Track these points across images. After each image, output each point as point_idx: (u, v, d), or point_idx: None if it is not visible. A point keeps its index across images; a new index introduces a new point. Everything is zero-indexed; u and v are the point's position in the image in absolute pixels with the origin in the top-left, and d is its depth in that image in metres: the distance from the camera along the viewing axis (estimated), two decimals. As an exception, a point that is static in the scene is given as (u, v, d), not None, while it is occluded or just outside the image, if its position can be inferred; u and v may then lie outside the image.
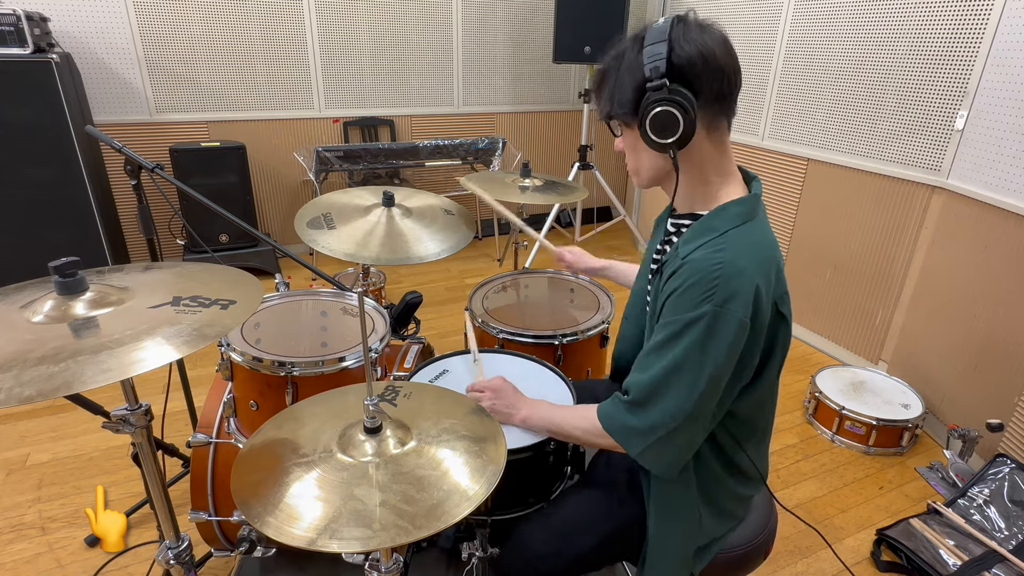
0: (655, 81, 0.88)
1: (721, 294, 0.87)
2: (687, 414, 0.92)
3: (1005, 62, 2.11)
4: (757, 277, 0.89)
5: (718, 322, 0.87)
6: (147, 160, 1.55)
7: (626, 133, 0.99)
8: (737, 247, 0.90)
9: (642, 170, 1.01)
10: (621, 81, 0.93)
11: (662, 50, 0.88)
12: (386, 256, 1.54)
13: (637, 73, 0.90)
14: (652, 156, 0.98)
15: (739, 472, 1.10)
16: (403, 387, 1.10)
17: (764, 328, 0.92)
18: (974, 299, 2.25)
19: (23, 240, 2.90)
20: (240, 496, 0.82)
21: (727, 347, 0.89)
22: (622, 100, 0.93)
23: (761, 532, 1.19)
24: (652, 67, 0.88)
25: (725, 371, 0.91)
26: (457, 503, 0.80)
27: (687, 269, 0.91)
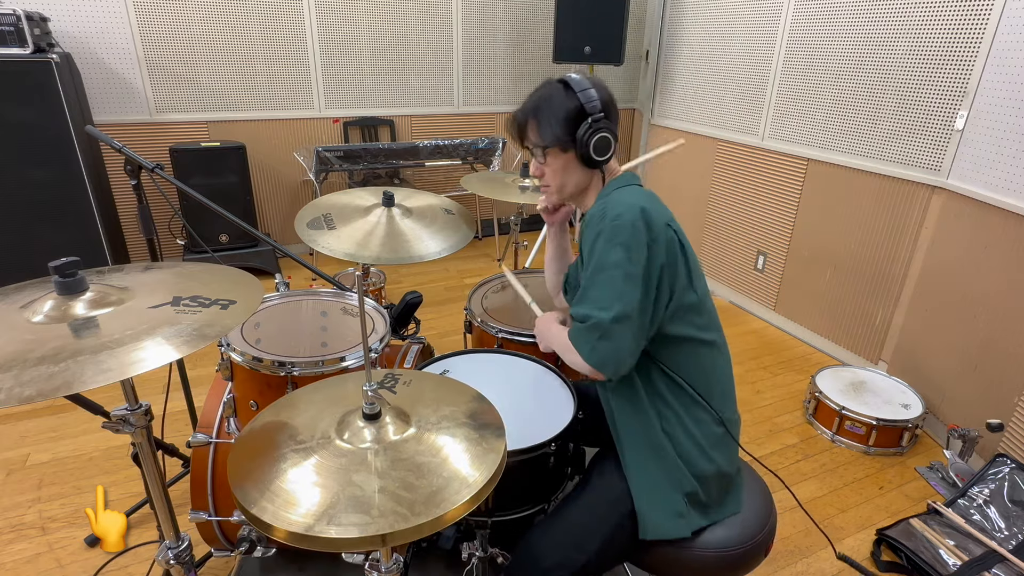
0: (596, 115, 1.15)
1: (611, 212, 1.09)
2: (616, 311, 1.05)
3: (1005, 62, 2.11)
4: (638, 201, 1.10)
5: (613, 229, 1.07)
6: (147, 160, 1.55)
7: (557, 158, 1.20)
8: (617, 195, 1.16)
9: (568, 186, 1.24)
10: (555, 117, 1.16)
11: (594, 94, 1.16)
12: (386, 256, 1.54)
13: (573, 110, 1.15)
14: (580, 174, 1.22)
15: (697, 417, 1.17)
16: (403, 375, 1.10)
17: (661, 238, 1.09)
18: (974, 299, 2.25)
19: (23, 240, 2.90)
20: (237, 481, 0.82)
21: (625, 243, 1.06)
22: (560, 132, 1.16)
23: (761, 531, 1.19)
24: (591, 105, 1.14)
25: (635, 265, 1.06)
26: (457, 490, 0.80)
27: (585, 221, 1.16)
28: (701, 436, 1.16)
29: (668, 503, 1.13)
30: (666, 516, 1.13)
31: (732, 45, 3.33)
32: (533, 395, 1.38)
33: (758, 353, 3.04)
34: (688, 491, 1.14)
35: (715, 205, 3.64)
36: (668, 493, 1.14)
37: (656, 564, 1.18)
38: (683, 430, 1.16)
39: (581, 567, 1.12)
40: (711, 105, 3.58)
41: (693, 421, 1.16)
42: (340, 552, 1.19)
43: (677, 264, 1.12)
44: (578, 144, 1.16)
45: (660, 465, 1.15)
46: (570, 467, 1.33)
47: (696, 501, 1.15)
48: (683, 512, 1.13)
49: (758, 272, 3.40)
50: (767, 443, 2.36)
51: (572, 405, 1.31)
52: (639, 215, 1.07)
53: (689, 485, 1.14)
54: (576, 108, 1.15)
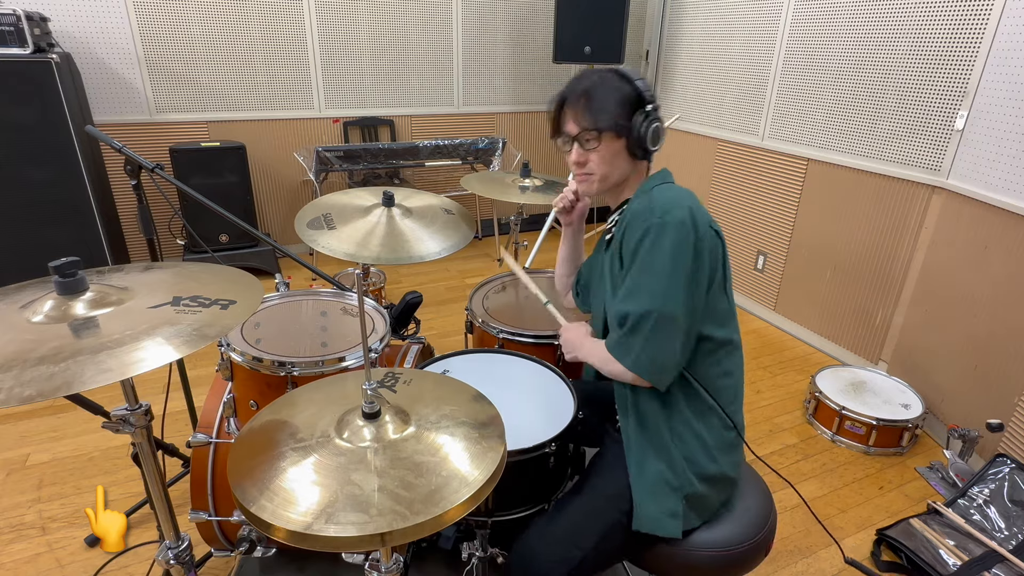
0: (653, 104, 1.12)
1: (658, 210, 1.06)
2: (660, 314, 1.05)
3: (1005, 62, 2.11)
4: (685, 199, 1.08)
5: (662, 228, 1.05)
6: (147, 160, 1.55)
7: (610, 144, 1.15)
8: (662, 190, 1.13)
9: (612, 175, 1.19)
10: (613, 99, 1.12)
11: (647, 85, 1.14)
12: (386, 256, 1.54)
13: (631, 95, 1.12)
14: (626, 164, 1.18)
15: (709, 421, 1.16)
16: (403, 374, 1.10)
17: (706, 238, 1.07)
18: (974, 299, 2.25)
19: (23, 240, 2.90)
20: (236, 480, 0.82)
21: (676, 244, 1.04)
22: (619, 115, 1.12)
23: (761, 531, 1.19)
24: (649, 93, 1.12)
25: (682, 268, 1.04)
26: (456, 489, 0.80)
27: (629, 216, 1.13)
28: (710, 439, 1.16)
29: (665, 500, 1.13)
30: (660, 512, 1.13)
31: (732, 45, 3.33)
32: (533, 395, 1.38)
33: (758, 353, 3.04)
34: (688, 493, 1.14)
35: (715, 205, 3.64)
36: (667, 491, 1.14)
37: (655, 563, 1.18)
38: (692, 432, 1.15)
39: (579, 563, 1.12)
40: (711, 105, 3.58)
41: (704, 424, 1.16)
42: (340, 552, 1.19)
43: (717, 268, 1.10)
44: (633, 131, 1.12)
45: (664, 463, 1.15)
46: (570, 467, 1.33)
47: (694, 503, 1.15)
48: (677, 513, 1.13)
49: (758, 272, 3.40)
50: (767, 443, 2.36)
51: (572, 405, 1.31)
52: (688, 214, 1.05)
53: (690, 487, 1.14)
54: (633, 94, 1.12)
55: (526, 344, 1.61)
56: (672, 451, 1.15)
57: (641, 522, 1.13)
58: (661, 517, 1.13)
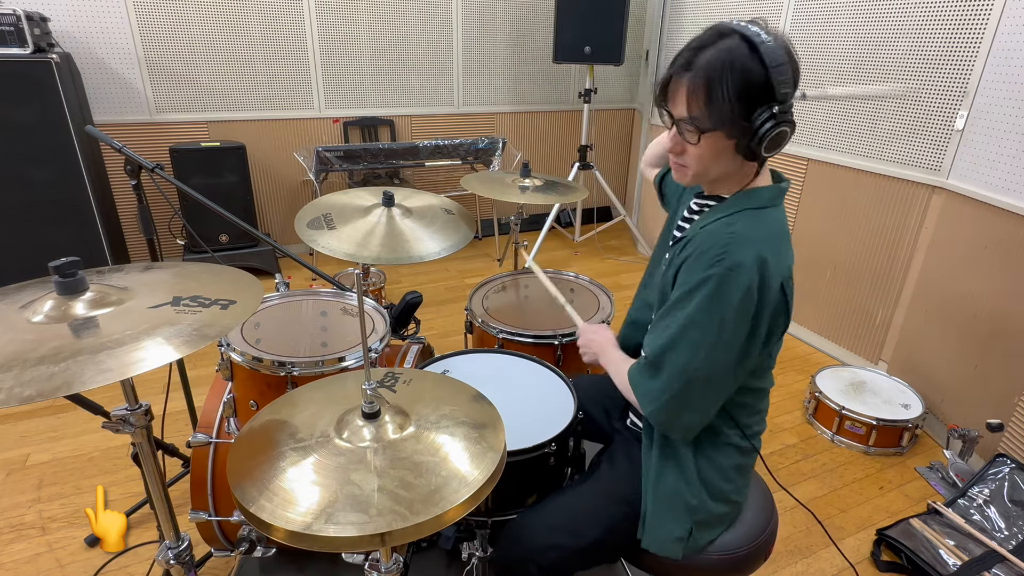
0: (786, 104, 0.91)
1: (730, 259, 0.92)
2: (698, 372, 0.97)
3: (1005, 62, 2.11)
4: (764, 251, 0.93)
5: (725, 284, 0.92)
6: (147, 160, 1.55)
7: (716, 143, 0.95)
8: (749, 224, 0.97)
9: (710, 173, 1.01)
10: (734, 92, 0.90)
11: (789, 74, 0.91)
12: (386, 256, 1.54)
13: (757, 84, 0.90)
14: (732, 164, 0.98)
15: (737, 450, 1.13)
16: (402, 374, 1.10)
17: (770, 304, 0.95)
18: (974, 299, 2.25)
19: (23, 240, 2.90)
20: (236, 480, 0.82)
21: (735, 308, 0.93)
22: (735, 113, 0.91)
23: (762, 533, 1.19)
24: (783, 92, 0.90)
25: (734, 334, 0.95)
26: (456, 489, 0.80)
27: (701, 237, 0.99)
28: (728, 463, 1.13)
29: (677, 524, 1.10)
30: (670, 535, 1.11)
31: (732, 45, 3.33)
32: (533, 395, 1.38)
33: (758, 353, 3.04)
34: (699, 518, 1.11)
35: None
36: (680, 513, 1.11)
37: (655, 566, 1.18)
38: (717, 462, 1.12)
39: (571, 553, 1.11)
40: (711, 105, 3.57)
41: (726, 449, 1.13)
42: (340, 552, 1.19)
43: (775, 330, 1.00)
44: (750, 132, 0.91)
45: (683, 480, 1.11)
46: (570, 467, 1.33)
47: (702, 528, 1.12)
48: (684, 537, 1.10)
49: (758, 272, 3.40)
50: (767, 443, 2.36)
51: (572, 405, 1.31)
52: (757, 274, 0.92)
53: (703, 511, 1.11)
54: (761, 83, 0.89)
55: (526, 344, 1.61)
56: (691, 470, 1.11)
57: (650, 542, 1.11)
58: (669, 540, 1.10)
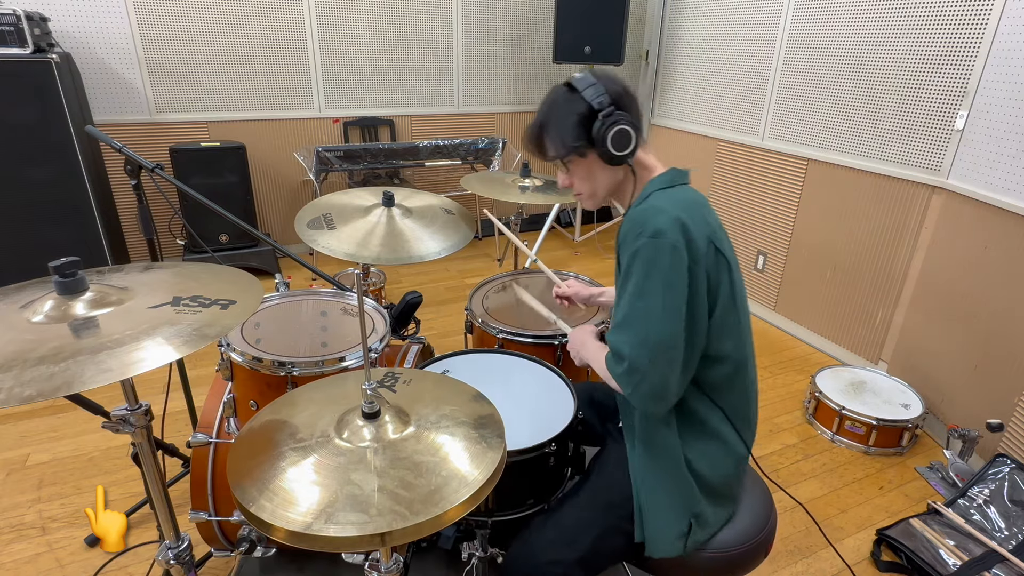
0: (606, 109, 1.07)
1: (649, 229, 1.01)
2: (655, 338, 1.01)
3: (1005, 62, 2.11)
4: (679, 212, 1.03)
5: (653, 249, 1.00)
6: (147, 160, 1.55)
7: (579, 164, 1.14)
8: (658, 199, 1.09)
9: (599, 189, 1.17)
10: (564, 124, 1.10)
11: (599, 88, 1.09)
12: (386, 256, 1.54)
13: (583, 112, 1.08)
14: (607, 173, 1.15)
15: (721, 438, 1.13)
16: (402, 374, 1.10)
17: (702, 258, 1.02)
18: (974, 299, 2.25)
19: (23, 240, 2.90)
20: (236, 480, 0.82)
21: (668, 268, 1.00)
22: (572, 138, 1.10)
23: (761, 532, 1.19)
24: (598, 101, 1.08)
25: (677, 293, 1.00)
26: (456, 489, 0.80)
27: (623, 225, 1.10)
28: (720, 456, 1.14)
29: (675, 522, 1.11)
30: (669, 535, 1.11)
31: (732, 45, 3.33)
32: (533, 395, 1.38)
33: (758, 353, 3.03)
34: (696, 512, 1.12)
35: (715, 205, 3.64)
36: (676, 511, 1.11)
37: (656, 565, 1.18)
38: (704, 451, 1.13)
39: (573, 563, 1.11)
40: (711, 105, 3.58)
41: (714, 439, 1.13)
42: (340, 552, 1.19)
43: (721, 286, 1.05)
44: (596, 144, 1.09)
45: (670, 475, 1.12)
46: (570, 467, 1.33)
47: (701, 521, 1.13)
48: (685, 533, 1.11)
49: (758, 272, 3.41)
50: (767, 443, 2.36)
51: (572, 405, 1.31)
52: (680, 234, 1.00)
53: (697, 505, 1.12)
54: (585, 108, 1.08)
55: (526, 344, 1.61)
56: (679, 464, 1.12)
57: (654, 548, 1.11)
58: (670, 538, 1.11)
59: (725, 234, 1.12)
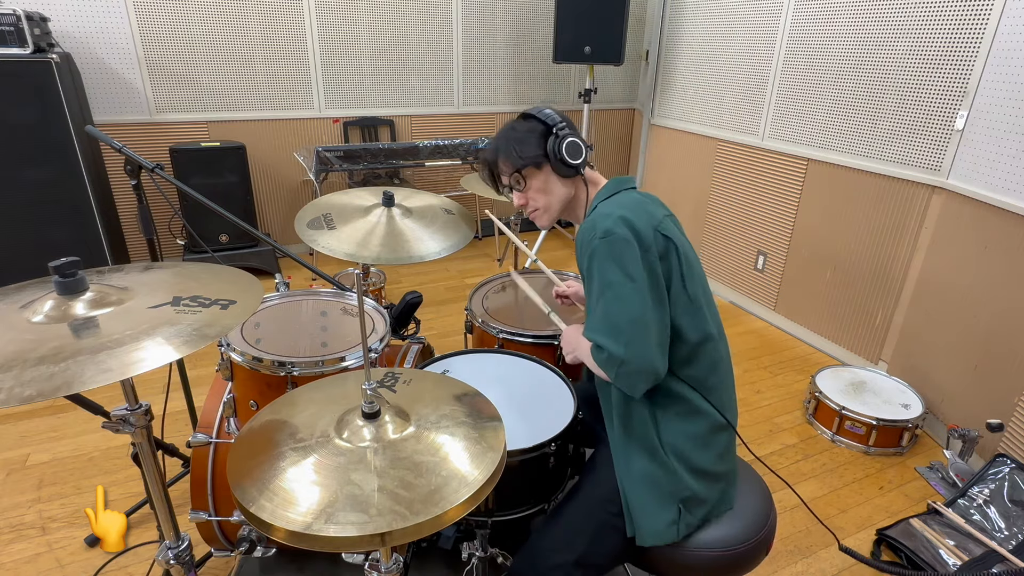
0: (559, 125, 1.21)
1: (599, 230, 1.09)
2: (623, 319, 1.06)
3: (1005, 62, 2.11)
4: (622, 211, 1.11)
5: (606, 246, 1.08)
6: (147, 160, 1.55)
7: (535, 177, 1.24)
8: (604, 205, 1.17)
9: (553, 203, 1.26)
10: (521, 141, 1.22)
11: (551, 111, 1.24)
12: (386, 255, 1.54)
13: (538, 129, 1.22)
14: (561, 186, 1.25)
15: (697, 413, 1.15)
16: (402, 374, 1.10)
17: (652, 245, 1.10)
18: (974, 299, 2.25)
19: (23, 240, 2.90)
20: (236, 480, 0.82)
21: (622, 256, 1.07)
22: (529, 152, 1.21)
23: (761, 530, 1.19)
24: (551, 119, 1.22)
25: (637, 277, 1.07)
26: (456, 489, 0.80)
27: (577, 237, 1.17)
28: (700, 432, 1.15)
29: (662, 510, 1.12)
30: (660, 524, 1.12)
31: (732, 45, 3.33)
32: (533, 395, 1.38)
33: (758, 353, 3.04)
34: (684, 496, 1.13)
35: (715, 205, 3.64)
36: (663, 499, 1.12)
37: (656, 564, 1.18)
38: (680, 427, 1.15)
39: (574, 564, 1.12)
40: (711, 105, 3.58)
41: (692, 419, 1.15)
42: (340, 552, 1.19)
43: (672, 269, 1.12)
44: (550, 155, 1.20)
45: (652, 460, 1.14)
46: (570, 467, 1.33)
47: (691, 505, 1.14)
48: (676, 519, 1.12)
49: (758, 272, 3.41)
50: (767, 443, 2.36)
51: (572, 405, 1.31)
52: (626, 228, 1.08)
53: (685, 489, 1.13)
54: (540, 127, 1.22)
55: (526, 344, 1.61)
56: (660, 448, 1.14)
57: (644, 537, 1.12)
58: (661, 528, 1.12)
59: (674, 221, 1.20)
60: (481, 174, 1.32)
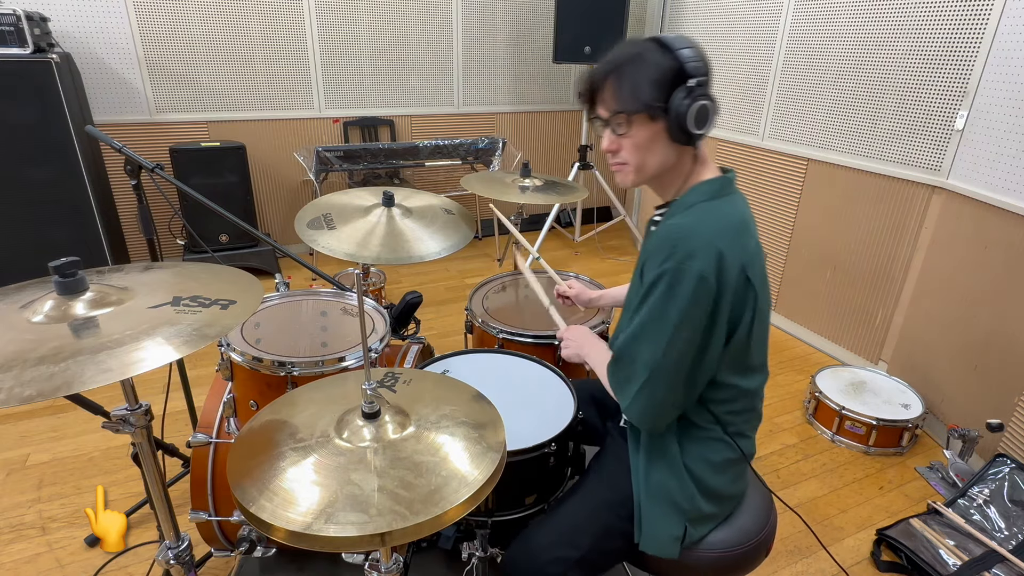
0: (700, 77, 0.96)
1: (681, 251, 0.95)
2: (661, 365, 0.99)
3: (1005, 62, 2.11)
4: (717, 239, 0.95)
5: (679, 276, 0.94)
6: (147, 160, 1.55)
7: (643, 128, 1.00)
8: (700, 215, 1.00)
9: (649, 165, 1.04)
10: (646, 76, 0.96)
11: (698, 54, 0.97)
12: (386, 256, 1.54)
13: (669, 70, 0.95)
14: (667, 152, 1.02)
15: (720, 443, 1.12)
16: (402, 374, 1.10)
17: (731, 290, 0.97)
18: (974, 299, 2.25)
19: (23, 240, 2.90)
20: (236, 480, 0.82)
21: (689, 300, 0.94)
22: (647, 96, 0.96)
23: (761, 531, 1.19)
24: (693, 64, 0.95)
25: (693, 327, 0.96)
26: (456, 489, 0.80)
27: (655, 236, 1.03)
28: (719, 462, 1.13)
29: (671, 525, 1.11)
30: (666, 536, 1.11)
31: (732, 45, 3.33)
32: (533, 395, 1.38)
33: (758, 353, 3.04)
34: (693, 516, 1.11)
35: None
36: (673, 514, 1.11)
37: (655, 565, 1.18)
38: (702, 456, 1.12)
39: (574, 564, 1.11)
40: (711, 105, 3.57)
41: (715, 449, 1.13)
42: (340, 552, 1.19)
43: (743, 317, 1.00)
44: (671, 111, 0.96)
45: (672, 477, 1.11)
46: (570, 467, 1.33)
47: (697, 523, 1.13)
48: (680, 536, 1.11)
49: (758, 272, 3.40)
50: (767, 443, 2.36)
51: (572, 405, 1.31)
52: (713, 264, 0.93)
53: (696, 509, 1.11)
54: (673, 68, 0.95)
55: (526, 344, 1.61)
56: (681, 468, 1.11)
57: (647, 544, 1.12)
58: (666, 541, 1.11)
59: (761, 257, 1.04)
60: (578, 88, 1.07)
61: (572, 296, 1.66)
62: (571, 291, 1.66)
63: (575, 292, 1.65)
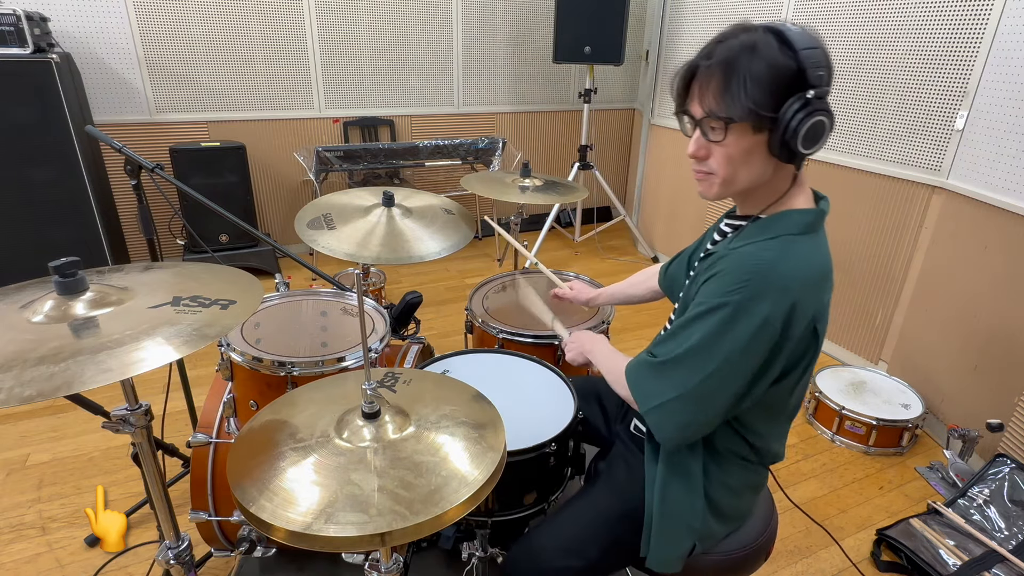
0: (821, 88, 0.83)
1: (752, 288, 0.85)
2: (691, 393, 0.92)
3: (1005, 62, 2.11)
4: (796, 286, 0.86)
5: (741, 313, 0.86)
6: (147, 160, 1.55)
7: (743, 138, 0.87)
8: (785, 253, 0.88)
9: (739, 180, 0.91)
10: (759, 78, 0.83)
11: (822, 58, 0.84)
12: (386, 256, 1.54)
13: (787, 73, 0.83)
14: (762, 165, 0.90)
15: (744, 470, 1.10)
16: (402, 374, 1.10)
17: (794, 340, 0.88)
18: (974, 299, 2.25)
19: (23, 240, 2.90)
20: (236, 480, 0.82)
21: (745, 340, 0.86)
22: (762, 101, 0.83)
23: (762, 534, 1.19)
24: (817, 75, 0.82)
25: (740, 364, 0.89)
26: (456, 489, 0.80)
27: (731, 258, 0.91)
28: (737, 487, 1.11)
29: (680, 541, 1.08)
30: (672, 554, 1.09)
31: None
32: (533, 395, 1.38)
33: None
34: (702, 535, 1.09)
35: (715, 206, 3.64)
36: (684, 532, 1.08)
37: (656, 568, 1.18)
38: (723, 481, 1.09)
39: (582, 571, 1.11)
40: (711, 105, 3.57)
41: (736, 474, 1.09)
42: (340, 552, 1.19)
43: (799, 365, 0.93)
44: (780, 124, 0.83)
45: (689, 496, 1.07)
46: (570, 467, 1.33)
47: (705, 540, 1.11)
48: (686, 555, 1.09)
49: (758, 272, 3.40)
50: (767, 443, 2.36)
51: (572, 405, 1.31)
52: (782, 312, 0.85)
53: (706, 529, 1.09)
54: (792, 72, 0.83)
55: (526, 344, 1.61)
56: (700, 489, 1.07)
57: (654, 561, 1.10)
58: (672, 559, 1.09)
59: (829, 302, 0.94)
60: (673, 83, 0.93)
61: (571, 297, 1.65)
62: (570, 293, 1.65)
63: (573, 293, 1.65)
